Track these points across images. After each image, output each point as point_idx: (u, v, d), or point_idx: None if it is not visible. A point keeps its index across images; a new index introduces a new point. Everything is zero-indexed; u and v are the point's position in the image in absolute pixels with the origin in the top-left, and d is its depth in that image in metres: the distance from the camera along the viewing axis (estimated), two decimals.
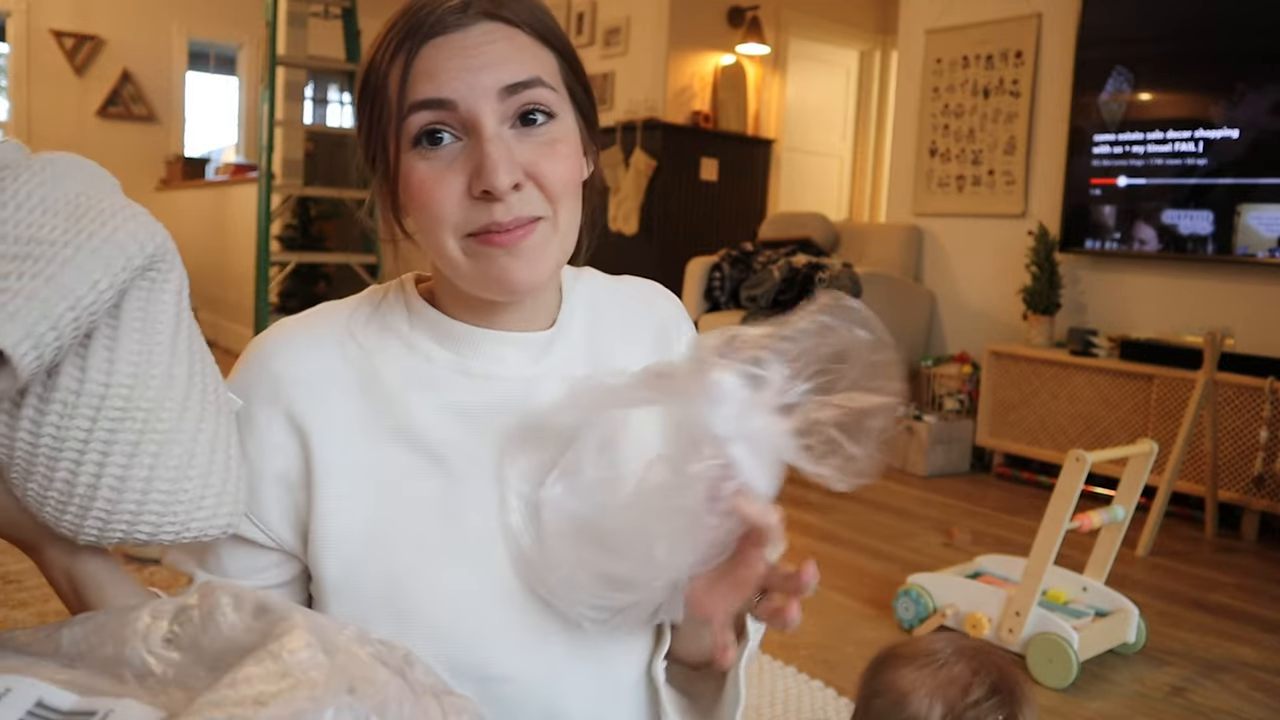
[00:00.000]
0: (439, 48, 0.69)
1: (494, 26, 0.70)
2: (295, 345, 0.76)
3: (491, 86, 0.69)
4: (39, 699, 0.40)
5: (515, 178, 0.69)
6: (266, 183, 4.41)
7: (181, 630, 0.46)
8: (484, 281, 0.72)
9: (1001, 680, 0.91)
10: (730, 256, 4.13)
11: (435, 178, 0.70)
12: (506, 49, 0.70)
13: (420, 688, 0.48)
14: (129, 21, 7.04)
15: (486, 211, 0.69)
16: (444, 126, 0.69)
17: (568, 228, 0.74)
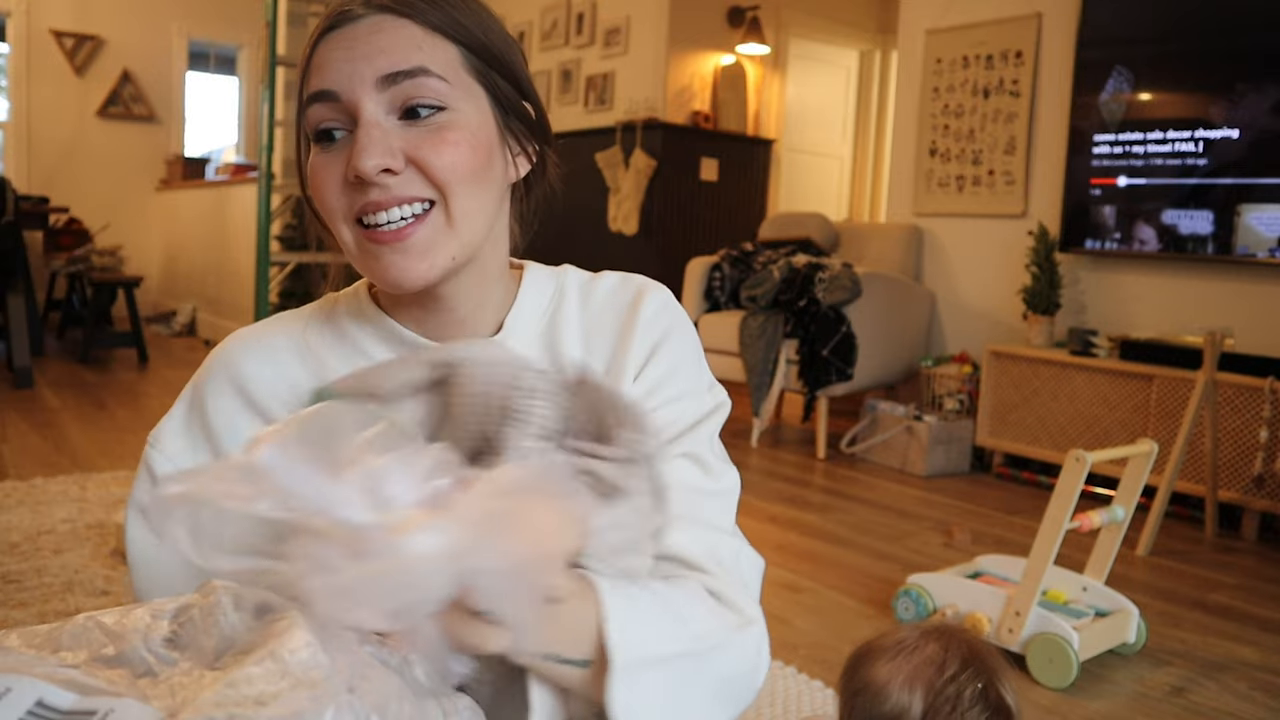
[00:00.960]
0: (330, 42, 0.71)
1: (383, 19, 0.70)
2: (255, 352, 0.78)
3: (369, 76, 0.69)
4: (39, 699, 0.40)
5: (387, 162, 0.68)
6: (266, 183, 4.42)
7: (182, 630, 0.46)
8: (375, 276, 0.73)
9: (971, 653, 0.93)
10: (730, 256, 4.13)
11: (323, 167, 0.71)
12: (390, 39, 0.69)
13: (420, 688, 0.48)
14: (129, 21, 7.04)
15: (364, 194, 0.70)
16: (333, 121, 0.70)
17: (465, 220, 0.72)
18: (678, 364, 0.81)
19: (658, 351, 0.80)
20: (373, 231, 0.70)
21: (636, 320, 0.81)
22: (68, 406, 3.95)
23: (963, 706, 0.90)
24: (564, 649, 0.62)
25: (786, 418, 4.48)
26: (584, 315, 0.82)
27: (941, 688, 0.91)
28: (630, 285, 0.84)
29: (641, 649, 0.63)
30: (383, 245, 0.70)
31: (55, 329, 6.21)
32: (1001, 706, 0.91)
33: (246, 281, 5.21)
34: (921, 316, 4.05)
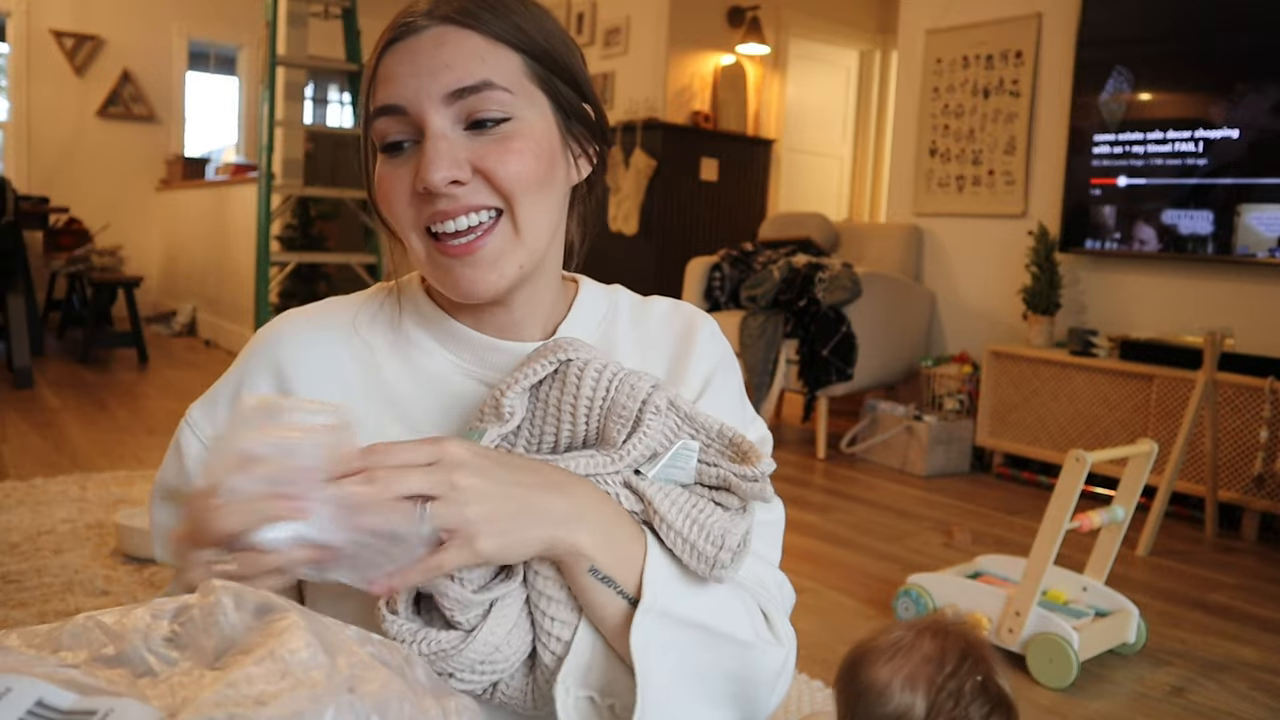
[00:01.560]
0: (396, 53, 0.71)
1: (446, 30, 0.71)
2: (301, 336, 0.79)
3: (437, 92, 0.70)
4: (39, 698, 0.40)
5: (455, 174, 0.70)
6: (266, 183, 4.42)
7: (182, 629, 0.46)
8: (445, 286, 0.74)
9: (968, 646, 0.94)
10: (730, 256, 4.13)
11: (391, 178, 0.72)
12: (455, 53, 0.70)
13: (420, 688, 0.48)
14: (129, 21, 7.04)
15: (431, 204, 0.71)
16: (401, 133, 0.71)
17: (532, 229, 0.74)
18: (730, 396, 0.84)
19: (711, 383, 0.83)
20: (443, 244, 0.72)
21: (692, 350, 0.83)
22: (68, 406, 3.95)
23: (965, 701, 0.90)
24: (618, 576, 0.66)
25: (786, 418, 4.48)
26: (638, 335, 0.84)
27: (943, 684, 0.91)
28: (682, 312, 0.87)
29: (670, 602, 0.67)
30: (453, 259, 0.72)
31: (55, 329, 6.21)
32: (1002, 698, 0.92)
33: (246, 281, 5.21)
34: (921, 316, 4.05)
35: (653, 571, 0.67)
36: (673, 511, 0.68)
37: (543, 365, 0.70)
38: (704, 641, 0.69)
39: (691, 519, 0.68)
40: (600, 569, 0.66)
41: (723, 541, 0.67)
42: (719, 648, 0.70)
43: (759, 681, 0.72)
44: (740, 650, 0.70)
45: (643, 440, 0.69)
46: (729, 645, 0.70)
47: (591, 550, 0.65)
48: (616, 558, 0.67)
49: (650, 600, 0.66)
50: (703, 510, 0.69)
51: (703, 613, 0.69)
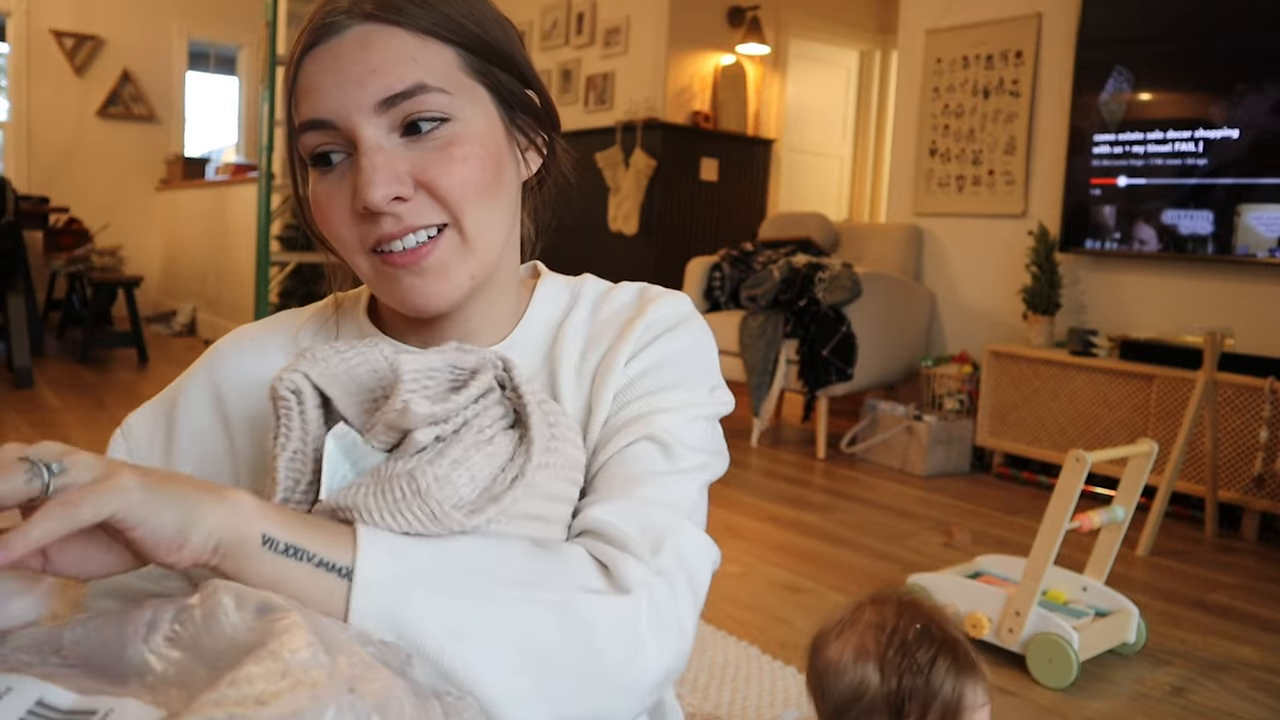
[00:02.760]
0: (317, 59, 0.66)
1: (369, 29, 0.65)
2: (241, 354, 0.78)
3: (366, 101, 0.64)
4: (39, 698, 0.40)
5: (396, 190, 0.65)
6: (266, 183, 4.41)
7: (183, 629, 0.46)
8: (395, 301, 0.70)
9: (904, 603, 0.99)
10: (730, 256, 4.13)
11: (328, 197, 0.67)
12: (381, 55, 0.64)
13: (421, 688, 0.48)
14: (129, 21, 7.04)
15: (376, 225, 0.66)
16: (330, 145, 0.66)
17: (483, 238, 0.69)
18: (673, 356, 0.75)
19: (656, 341, 0.75)
20: (388, 255, 0.67)
21: (641, 318, 0.76)
22: (68, 406, 3.95)
23: (911, 651, 0.93)
24: (310, 544, 0.55)
25: (786, 418, 4.48)
26: (592, 323, 0.78)
27: (888, 642, 0.94)
28: (648, 293, 0.80)
29: (398, 569, 0.55)
30: (399, 269, 0.67)
31: (55, 329, 6.21)
32: (947, 638, 0.94)
33: (246, 281, 5.22)
34: (921, 316, 4.05)
35: (369, 536, 0.55)
36: (356, 494, 0.57)
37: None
38: (496, 612, 0.56)
39: (376, 484, 0.57)
40: (278, 537, 0.54)
41: (418, 483, 0.56)
42: (526, 617, 0.57)
43: (602, 644, 0.58)
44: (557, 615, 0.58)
45: (287, 444, 0.60)
46: (538, 611, 0.57)
47: (258, 515, 0.54)
48: (306, 530, 0.55)
49: (368, 572, 0.54)
50: (385, 470, 0.58)
51: (471, 577, 0.56)
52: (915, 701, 0.91)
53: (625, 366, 0.73)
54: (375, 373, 0.64)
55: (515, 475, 0.60)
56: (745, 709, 1.67)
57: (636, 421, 0.71)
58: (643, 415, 0.71)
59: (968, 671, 0.93)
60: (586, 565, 0.61)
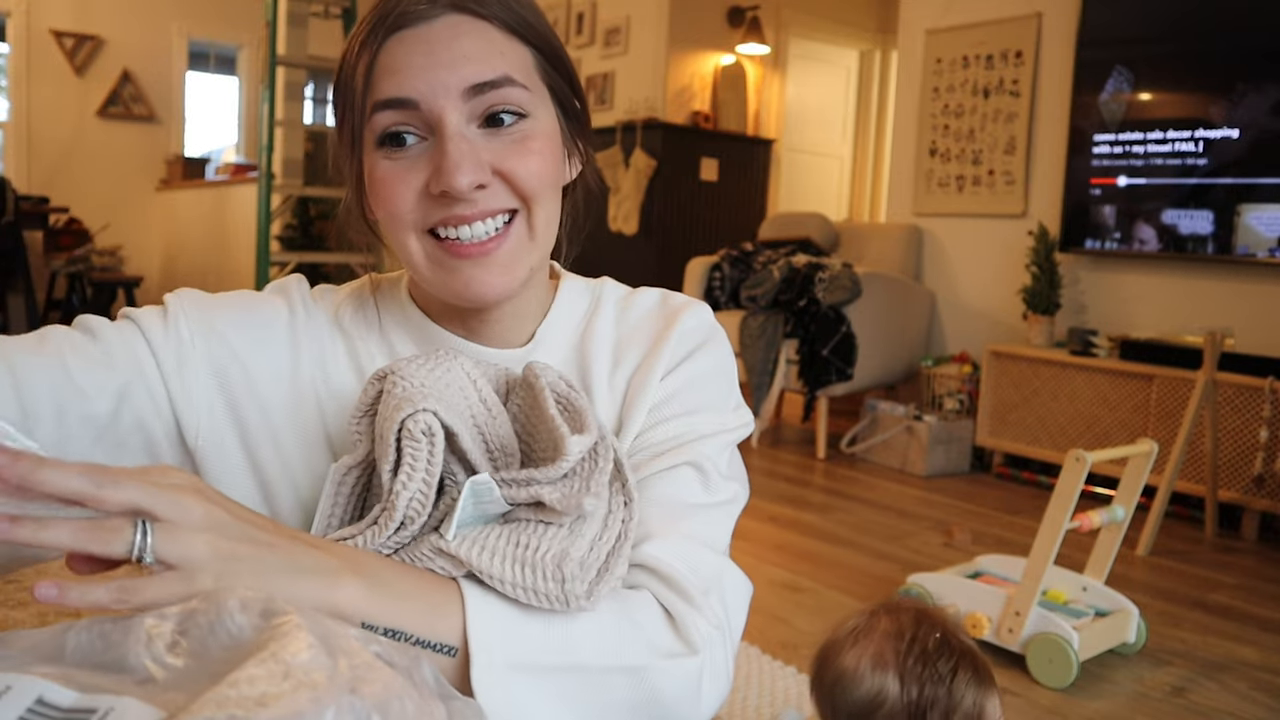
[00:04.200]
0: (402, 42, 0.66)
1: (460, 20, 0.67)
2: (309, 305, 0.78)
3: (456, 86, 0.65)
4: (39, 696, 0.40)
5: (479, 178, 0.66)
6: (266, 183, 4.42)
7: (187, 635, 0.46)
8: (449, 289, 0.70)
9: (920, 612, 0.97)
10: (730, 256, 4.13)
11: (396, 176, 0.68)
12: (473, 45, 0.66)
13: (425, 689, 0.48)
14: (129, 21, 7.04)
15: (440, 208, 0.67)
16: (407, 126, 0.67)
17: (544, 231, 0.71)
18: (706, 375, 0.77)
19: (690, 358, 0.77)
20: (453, 244, 0.68)
21: (673, 330, 0.77)
22: None
23: (931, 660, 0.92)
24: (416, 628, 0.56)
25: (786, 418, 4.48)
26: (618, 329, 0.79)
27: (907, 651, 0.93)
28: (672, 301, 0.81)
29: (518, 651, 0.58)
30: (463, 259, 0.68)
31: None
32: (965, 649, 0.94)
33: (246, 281, 5.22)
34: (921, 316, 4.05)
35: (479, 619, 0.57)
36: (495, 562, 0.58)
37: (372, 385, 0.65)
38: (581, 682, 0.59)
39: (519, 560, 0.58)
40: (377, 623, 0.55)
41: (563, 572, 0.58)
42: (603, 683, 0.60)
43: (668, 701, 0.62)
44: (632, 678, 0.61)
45: (410, 483, 0.60)
46: (616, 676, 0.60)
47: (358, 603, 0.55)
48: (407, 608, 0.56)
49: (486, 655, 0.57)
50: (528, 544, 0.59)
51: (568, 652, 0.59)
52: (936, 711, 0.90)
53: (661, 383, 0.76)
54: (463, 392, 0.66)
55: (619, 537, 0.63)
56: (745, 708, 1.67)
57: (677, 446, 0.74)
58: (682, 439, 0.74)
59: (988, 683, 0.92)
60: (657, 621, 0.65)
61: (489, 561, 0.58)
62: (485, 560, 0.58)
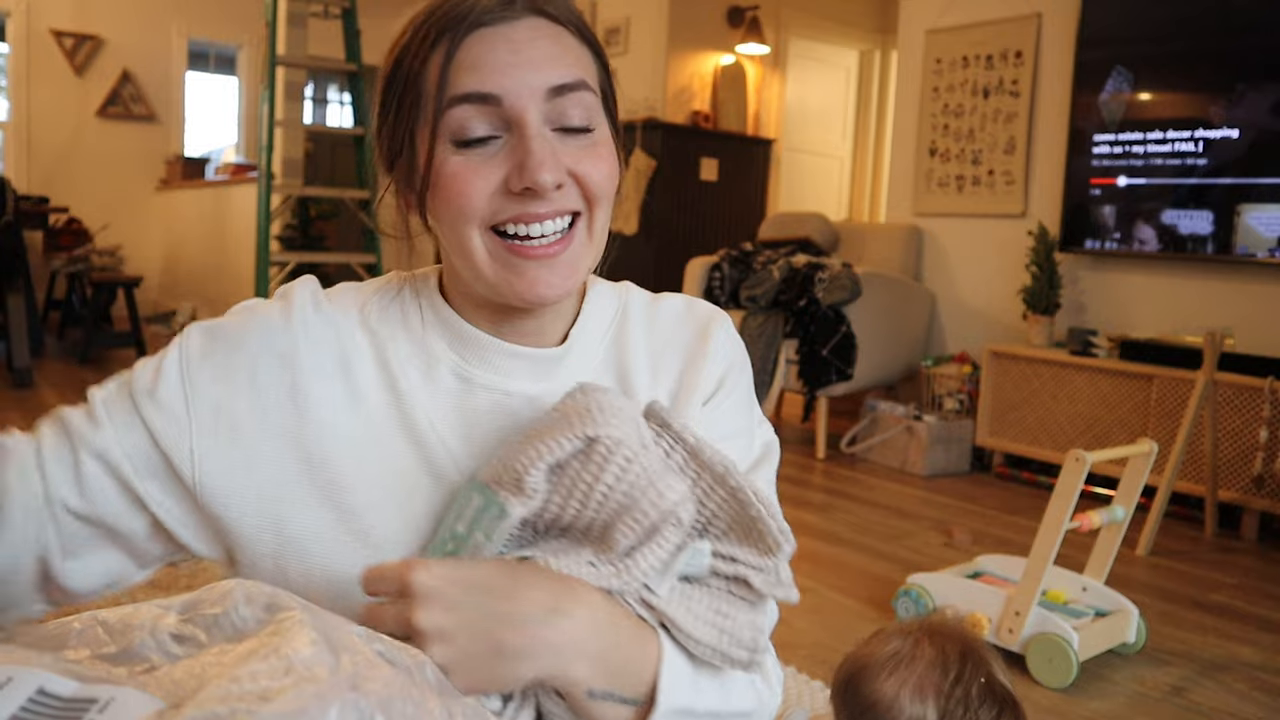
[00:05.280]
0: (483, 39, 0.67)
1: (540, 23, 0.68)
2: (321, 306, 0.76)
3: (539, 85, 0.67)
4: (40, 686, 0.41)
5: (559, 176, 0.67)
6: (266, 183, 4.42)
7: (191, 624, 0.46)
8: (509, 289, 0.70)
9: (966, 647, 0.94)
10: (730, 256, 4.13)
11: (470, 171, 0.68)
12: (554, 48, 0.68)
13: (428, 687, 0.48)
14: (129, 21, 7.04)
15: (516, 204, 0.68)
16: (484, 122, 0.67)
17: (600, 235, 0.73)
18: (741, 397, 0.82)
19: (725, 383, 0.81)
20: (520, 245, 0.69)
21: (707, 348, 0.80)
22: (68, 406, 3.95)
23: (974, 706, 0.89)
24: (623, 687, 0.65)
25: (786, 417, 4.48)
26: (650, 337, 0.81)
27: (950, 690, 0.90)
28: (698, 311, 0.84)
29: (685, 699, 0.66)
30: (530, 259, 0.69)
31: (55, 329, 6.21)
32: (1007, 696, 0.91)
33: (246, 281, 5.22)
34: (921, 316, 4.05)
35: (669, 676, 0.66)
36: (698, 626, 0.67)
37: (569, 441, 0.64)
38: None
39: (718, 628, 0.67)
40: (599, 691, 0.64)
41: (754, 644, 0.67)
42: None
43: None
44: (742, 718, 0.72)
45: (654, 554, 0.65)
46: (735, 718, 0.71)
47: (588, 679, 0.63)
48: (620, 671, 0.65)
49: (666, 705, 0.65)
50: (727, 614, 0.68)
51: (717, 700, 0.69)
52: None
53: (703, 408, 0.80)
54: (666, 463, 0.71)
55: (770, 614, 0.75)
56: None
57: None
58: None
59: None
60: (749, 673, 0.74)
61: (692, 625, 0.66)
62: (689, 623, 0.66)
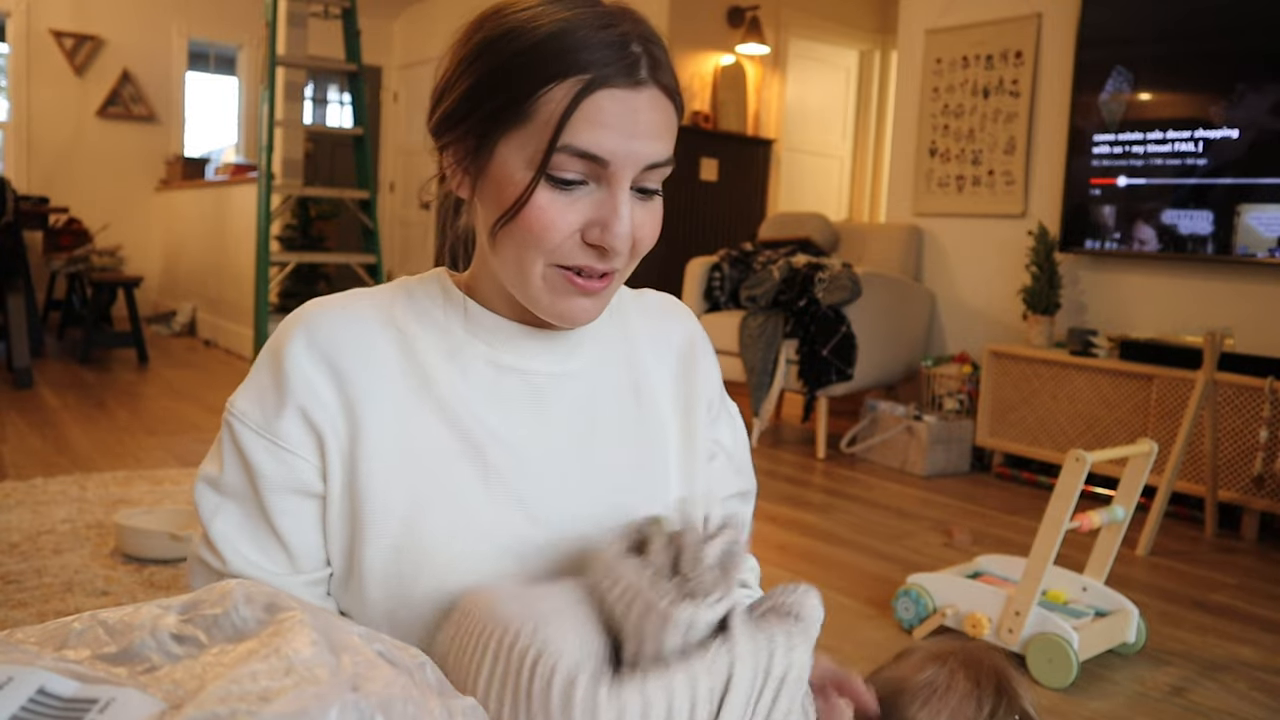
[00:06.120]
0: (614, 100, 0.70)
1: (658, 95, 0.73)
2: (340, 318, 0.78)
3: (643, 160, 0.72)
4: (41, 686, 0.41)
5: (630, 242, 0.74)
6: (266, 183, 4.42)
7: (191, 624, 0.46)
8: (553, 310, 0.76)
9: (1000, 679, 0.92)
10: (730, 257, 4.13)
11: (557, 210, 0.72)
12: (661, 124, 0.73)
13: (428, 688, 0.48)
14: (129, 21, 7.04)
15: (586, 255, 0.73)
16: (582, 170, 0.72)
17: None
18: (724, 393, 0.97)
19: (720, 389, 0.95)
20: (577, 279, 0.75)
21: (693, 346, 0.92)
22: (68, 406, 3.95)
23: None
24: None
25: (786, 418, 4.48)
26: (647, 328, 0.91)
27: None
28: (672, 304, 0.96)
29: None
30: (582, 292, 0.75)
31: (55, 329, 6.21)
32: None
33: (246, 281, 5.21)
34: (921, 316, 4.05)
35: None
36: None
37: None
38: None
39: None
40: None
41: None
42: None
43: None
44: None
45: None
46: None
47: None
48: None
49: None
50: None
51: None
52: None
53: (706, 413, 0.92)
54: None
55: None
56: None
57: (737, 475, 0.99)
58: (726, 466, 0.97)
59: None
60: None
61: None
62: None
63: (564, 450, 0.81)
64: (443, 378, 0.78)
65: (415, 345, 0.79)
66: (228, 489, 0.76)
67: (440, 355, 0.79)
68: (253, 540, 0.76)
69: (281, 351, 0.76)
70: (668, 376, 0.90)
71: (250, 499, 0.76)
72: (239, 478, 0.76)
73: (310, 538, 0.76)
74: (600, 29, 0.71)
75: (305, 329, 0.77)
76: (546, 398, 0.81)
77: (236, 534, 0.76)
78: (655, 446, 0.87)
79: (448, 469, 0.76)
